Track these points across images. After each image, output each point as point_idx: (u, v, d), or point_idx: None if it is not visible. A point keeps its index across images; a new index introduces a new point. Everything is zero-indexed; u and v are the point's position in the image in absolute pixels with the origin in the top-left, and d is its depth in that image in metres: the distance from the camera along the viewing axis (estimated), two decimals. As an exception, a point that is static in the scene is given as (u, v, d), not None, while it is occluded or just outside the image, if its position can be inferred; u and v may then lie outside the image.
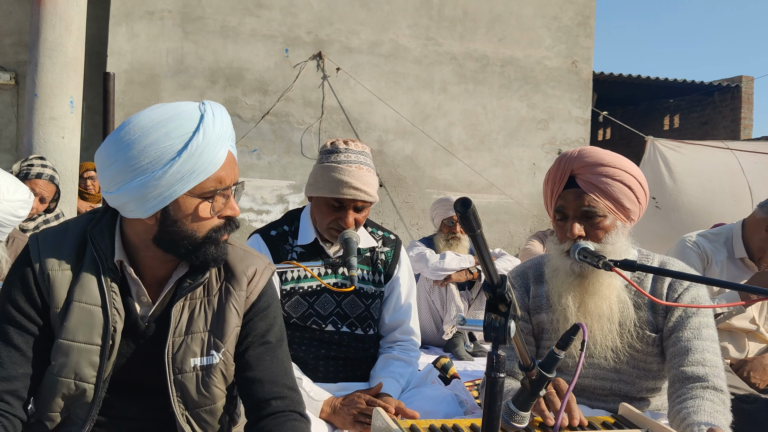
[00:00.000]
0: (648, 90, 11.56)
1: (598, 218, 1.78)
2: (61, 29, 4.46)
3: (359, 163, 2.13)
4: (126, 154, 1.27)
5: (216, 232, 1.36)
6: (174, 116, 1.29)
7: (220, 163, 1.31)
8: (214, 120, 1.31)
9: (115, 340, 1.37)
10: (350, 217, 2.11)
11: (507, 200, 7.87)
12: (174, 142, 1.27)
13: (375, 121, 7.50)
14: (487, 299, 1.16)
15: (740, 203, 6.15)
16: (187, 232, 1.34)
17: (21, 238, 2.63)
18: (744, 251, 2.84)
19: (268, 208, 7.24)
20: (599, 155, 1.80)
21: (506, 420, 1.42)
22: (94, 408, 1.37)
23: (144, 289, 1.41)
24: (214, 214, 1.35)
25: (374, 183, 2.16)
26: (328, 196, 2.10)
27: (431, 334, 4.29)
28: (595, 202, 1.77)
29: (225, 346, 1.42)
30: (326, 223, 2.14)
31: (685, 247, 2.88)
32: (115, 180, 1.29)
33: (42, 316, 1.36)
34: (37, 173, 3.46)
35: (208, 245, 1.36)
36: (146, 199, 1.29)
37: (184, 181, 1.28)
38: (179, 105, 1.32)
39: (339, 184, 2.08)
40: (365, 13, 7.45)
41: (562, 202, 1.82)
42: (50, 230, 1.42)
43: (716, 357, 1.74)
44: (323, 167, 2.14)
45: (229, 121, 1.36)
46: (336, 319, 2.19)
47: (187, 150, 1.27)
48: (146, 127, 1.28)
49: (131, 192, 1.29)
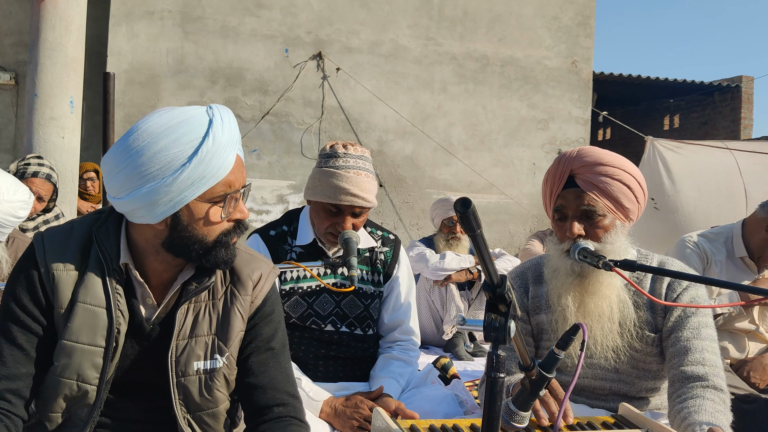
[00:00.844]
0: (648, 90, 11.56)
1: (597, 217, 1.78)
2: (61, 29, 4.46)
3: (358, 168, 2.11)
4: (135, 161, 1.26)
5: (226, 235, 1.36)
6: (183, 122, 1.28)
7: (229, 168, 1.31)
8: (222, 125, 1.30)
9: (119, 342, 1.37)
10: (348, 222, 2.10)
11: (507, 200, 7.87)
12: (184, 148, 1.26)
13: (375, 121, 7.50)
14: (487, 299, 1.16)
15: (736, 205, 6.17)
16: (198, 237, 1.34)
17: (21, 238, 2.63)
18: (744, 250, 2.85)
19: (268, 208, 7.24)
20: (598, 155, 1.81)
21: (506, 420, 1.42)
22: (95, 410, 1.37)
23: (149, 291, 1.41)
24: (224, 218, 1.35)
25: (373, 188, 2.15)
26: (326, 201, 2.10)
27: (431, 334, 4.29)
28: (595, 201, 1.77)
29: (229, 350, 1.42)
30: (324, 227, 2.13)
31: (685, 247, 2.89)
32: (124, 187, 1.28)
33: (46, 316, 1.35)
34: (33, 172, 3.45)
35: (219, 248, 1.36)
36: (156, 205, 1.28)
37: (195, 186, 1.28)
38: (187, 110, 1.32)
39: (337, 191, 2.07)
40: (365, 13, 7.45)
41: (562, 202, 1.82)
42: (55, 229, 1.41)
43: (716, 357, 1.74)
44: (322, 172, 2.13)
45: (236, 125, 1.36)
46: (335, 319, 2.19)
47: (197, 156, 1.26)
48: (155, 133, 1.26)
49: (141, 199, 1.28)
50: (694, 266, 2.75)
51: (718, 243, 2.89)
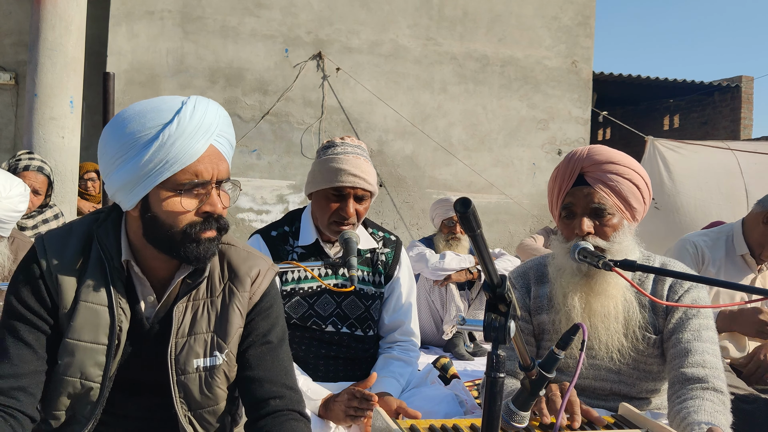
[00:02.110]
0: (648, 90, 11.56)
1: (607, 216, 1.78)
2: (61, 29, 4.46)
3: (356, 153, 2.13)
4: (109, 143, 1.32)
5: (192, 227, 1.33)
6: (155, 107, 1.31)
7: (196, 156, 1.30)
8: (193, 112, 1.30)
9: (121, 339, 1.38)
10: (351, 206, 2.10)
11: (507, 200, 7.87)
12: (149, 131, 1.28)
13: (375, 121, 7.50)
14: (487, 299, 1.16)
15: (736, 205, 6.17)
16: (165, 227, 1.32)
17: (21, 238, 2.63)
18: (745, 247, 2.86)
19: (268, 208, 7.24)
20: (609, 153, 1.81)
21: (506, 420, 1.42)
22: (98, 407, 1.37)
23: (150, 288, 1.41)
24: (186, 209, 1.32)
25: (372, 173, 2.15)
26: (327, 186, 2.10)
27: (431, 334, 4.29)
28: (605, 199, 1.77)
29: (228, 347, 1.42)
30: (327, 216, 2.13)
31: (681, 248, 2.90)
32: (104, 170, 1.34)
33: (52, 316, 1.36)
34: (24, 166, 3.46)
35: (188, 242, 1.33)
36: (127, 188, 1.31)
37: (158, 171, 1.28)
38: (166, 98, 1.34)
39: (337, 173, 2.08)
40: (365, 13, 7.45)
41: (571, 199, 1.81)
42: (55, 231, 1.42)
43: (716, 359, 1.74)
44: (321, 162, 2.15)
45: (217, 116, 1.34)
46: (336, 319, 2.19)
47: (158, 139, 1.27)
48: (129, 117, 1.31)
49: (115, 181, 1.32)
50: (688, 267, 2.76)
51: (719, 242, 2.90)
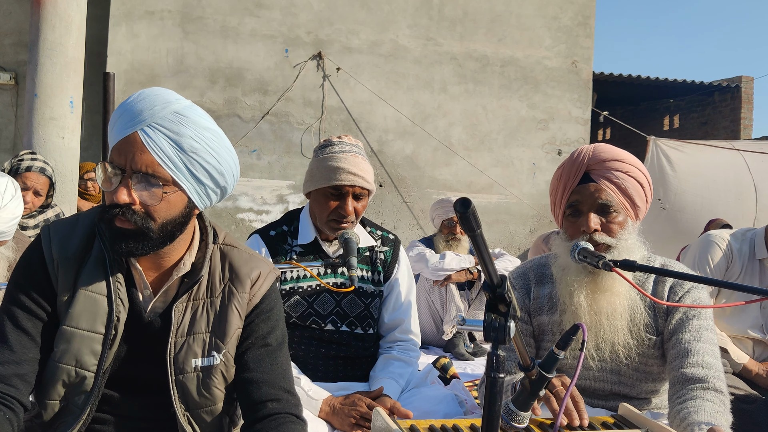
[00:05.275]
0: (648, 90, 11.56)
1: (613, 213, 1.78)
2: (61, 29, 4.46)
3: (354, 152, 2.15)
4: None
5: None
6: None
7: (113, 142, 1.30)
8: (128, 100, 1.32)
9: (118, 330, 1.38)
10: (350, 204, 2.11)
11: (507, 200, 7.87)
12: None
13: (375, 121, 7.50)
14: (486, 299, 1.16)
15: (744, 201, 6.12)
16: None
17: (21, 238, 2.63)
18: (765, 252, 2.83)
19: (268, 208, 7.24)
20: (614, 152, 1.83)
21: (506, 420, 1.42)
22: (92, 398, 1.38)
23: (146, 281, 1.42)
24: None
25: (370, 171, 2.17)
26: (325, 185, 2.11)
27: (431, 334, 4.29)
28: (611, 196, 1.78)
29: (226, 347, 1.43)
30: (326, 215, 2.14)
31: (710, 243, 2.83)
32: None
33: (50, 303, 1.37)
34: (27, 167, 3.46)
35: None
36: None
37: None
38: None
39: (335, 171, 2.10)
40: (365, 13, 7.45)
41: (577, 197, 1.81)
42: (62, 221, 1.45)
43: (716, 359, 1.74)
44: (318, 160, 2.16)
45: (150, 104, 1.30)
46: (335, 318, 2.19)
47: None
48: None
49: None
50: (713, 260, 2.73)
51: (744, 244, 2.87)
